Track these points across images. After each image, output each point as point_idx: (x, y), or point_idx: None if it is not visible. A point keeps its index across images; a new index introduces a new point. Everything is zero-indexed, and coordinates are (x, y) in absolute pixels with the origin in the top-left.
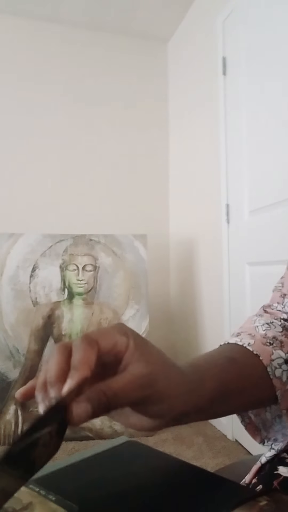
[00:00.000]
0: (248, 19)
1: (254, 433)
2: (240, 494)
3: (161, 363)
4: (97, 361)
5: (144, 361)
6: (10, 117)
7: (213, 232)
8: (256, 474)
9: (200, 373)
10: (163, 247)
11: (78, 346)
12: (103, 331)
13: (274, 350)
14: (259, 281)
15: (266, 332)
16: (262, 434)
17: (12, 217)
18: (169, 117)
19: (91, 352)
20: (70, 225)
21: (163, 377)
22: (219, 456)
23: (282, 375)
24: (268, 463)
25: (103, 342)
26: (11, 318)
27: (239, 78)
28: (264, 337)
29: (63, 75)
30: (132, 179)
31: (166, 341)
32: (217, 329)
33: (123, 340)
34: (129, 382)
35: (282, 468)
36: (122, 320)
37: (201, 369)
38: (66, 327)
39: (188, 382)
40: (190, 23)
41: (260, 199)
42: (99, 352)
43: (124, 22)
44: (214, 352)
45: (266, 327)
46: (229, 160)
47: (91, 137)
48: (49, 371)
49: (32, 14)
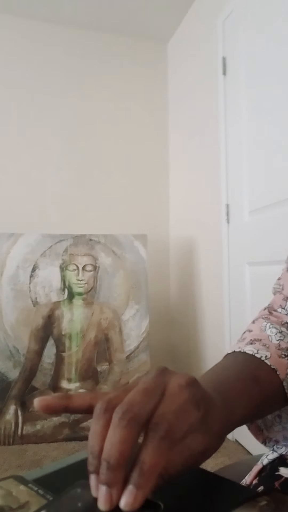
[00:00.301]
0: (248, 19)
1: (257, 433)
2: (240, 494)
3: (218, 430)
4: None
5: (205, 434)
6: (10, 117)
7: (213, 232)
8: (257, 475)
9: (231, 406)
10: (163, 247)
11: (151, 439)
12: (179, 410)
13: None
14: (259, 281)
15: (280, 342)
16: (264, 434)
17: (12, 217)
18: (169, 117)
19: (164, 452)
20: (70, 225)
21: (215, 437)
22: (219, 456)
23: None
24: (270, 464)
25: (176, 428)
26: (11, 318)
27: (239, 78)
28: (279, 349)
29: (63, 75)
30: (132, 179)
31: (166, 341)
32: (217, 329)
33: (194, 415)
34: (187, 459)
35: (284, 469)
36: (122, 320)
37: (232, 401)
38: (66, 327)
39: (224, 419)
40: (190, 23)
41: (260, 199)
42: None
43: (124, 22)
44: (237, 368)
45: (279, 336)
46: (229, 160)
47: (91, 137)
48: (110, 449)
49: (32, 14)
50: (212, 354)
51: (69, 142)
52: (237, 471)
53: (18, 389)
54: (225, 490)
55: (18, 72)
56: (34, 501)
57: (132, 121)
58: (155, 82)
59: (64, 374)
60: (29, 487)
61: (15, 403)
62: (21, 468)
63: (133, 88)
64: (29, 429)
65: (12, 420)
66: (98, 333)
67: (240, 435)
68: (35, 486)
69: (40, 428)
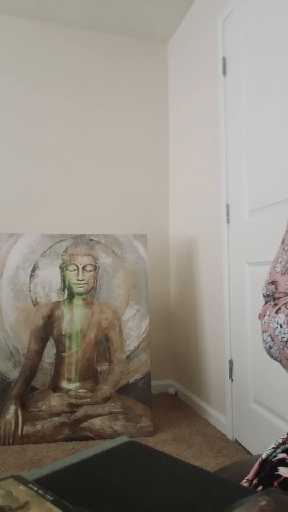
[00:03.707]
0: (248, 19)
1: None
2: (240, 494)
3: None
4: None
5: None
6: (10, 118)
7: (213, 232)
8: (258, 470)
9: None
10: (163, 247)
11: None
12: None
13: None
14: (259, 281)
15: None
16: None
17: (12, 217)
18: (169, 117)
19: None
20: (70, 225)
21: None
22: (219, 456)
23: None
24: (269, 462)
25: None
26: (11, 318)
27: (239, 78)
28: None
29: (63, 75)
30: (132, 179)
31: (166, 341)
32: (217, 329)
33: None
34: None
35: (283, 468)
36: (122, 320)
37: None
38: (66, 327)
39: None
40: (190, 23)
41: (260, 199)
42: None
43: (124, 22)
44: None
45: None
46: (229, 160)
47: (91, 137)
48: None
49: (32, 14)
50: (212, 354)
51: (69, 141)
52: (237, 471)
53: (18, 389)
54: (225, 490)
55: (18, 72)
56: (34, 501)
57: (132, 121)
58: (155, 82)
59: (64, 374)
60: (29, 487)
61: (15, 403)
62: (21, 468)
63: (133, 88)
64: (29, 429)
65: (12, 420)
66: (98, 333)
67: (240, 435)
68: (35, 486)
69: (40, 428)
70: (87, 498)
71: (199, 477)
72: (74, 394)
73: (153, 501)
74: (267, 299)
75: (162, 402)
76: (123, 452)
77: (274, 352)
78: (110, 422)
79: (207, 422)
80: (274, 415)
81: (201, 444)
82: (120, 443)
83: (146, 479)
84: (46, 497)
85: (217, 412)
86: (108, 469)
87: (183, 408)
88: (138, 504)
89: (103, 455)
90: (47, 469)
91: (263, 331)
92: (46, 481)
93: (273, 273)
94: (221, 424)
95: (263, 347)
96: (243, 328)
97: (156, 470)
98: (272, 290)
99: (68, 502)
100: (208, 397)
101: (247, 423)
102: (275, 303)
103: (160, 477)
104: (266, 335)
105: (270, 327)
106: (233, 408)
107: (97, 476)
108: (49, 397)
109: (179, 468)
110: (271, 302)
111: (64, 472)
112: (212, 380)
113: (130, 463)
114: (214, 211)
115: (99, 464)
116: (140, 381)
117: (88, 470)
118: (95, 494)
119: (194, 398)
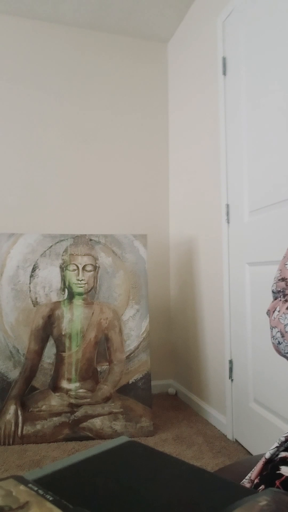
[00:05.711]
0: (248, 19)
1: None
2: (240, 494)
3: None
4: None
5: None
6: (9, 117)
7: (213, 232)
8: (260, 470)
9: None
10: (163, 247)
11: None
12: None
13: None
14: (259, 281)
15: None
16: None
17: (12, 217)
18: (169, 117)
19: None
20: (70, 225)
21: None
22: (219, 456)
23: None
24: (271, 461)
25: None
26: (11, 318)
27: (239, 78)
28: None
29: (63, 74)
30: (132, 179)
31: (166, 341)
32: (217, 329)
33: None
34: None
35: (284, 468)
36: (122, 320)
37: None
38: (66, 327)
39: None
40: (190, 23)
41: (260, 199)
42: None
43: (124, 22)
44: None
45: None
46: (229, 160)
47: (91, 137)
48: None
49: (32, 14)
50: (212, 354)
51: (69, 141)
52: (237, 471)
53: (18, 389)
54: (225, 490)
55: (17, 72)
56: (34, 501)
57: (132, 121)
58: (155, 82)
59: (64, 374)
60: (29, 487)
61: (15, 403)
62: (21, 468)
63: (133, 88)
64: (29, 429)
65: (12, 420)
66: (98, 333)
67: (240, 435)
68: (35, 486)
69: (40, 428)
70: (87, 498)
71: (199, 477)
72: (74, 394)
73: (153, 501)
74: (277, 295)
75: (162, 402)
76: (123, 452)
77: (283, 348)
78: (110, 422)
79: (207, 422)
80: (274, 415)
81: (201, 444)
82: (120, 443)
83: (146, 479)
84: (46, 497)
85: (217, 412)
86: (108, 469)
87: (183, 408)
88: (138, 504)
89: (103, 455)
90: (47, 469)
91: (272, 327)
92: (46, 481)
93: (283, 270)
94: (221, 424)
95: (271, 342)
96: (243, 328)
97: (156, 470)
98: (283, 286)
99: (68, 502)
100: (208, 397)
101: (247, 423)
102: (286, 299)
103: (160, 477)
104: (276, 331)
105: (281, 323)
106: (233, 408)
107: (97, 476)
108: (49, 397)
109: (179, 468)
110: (282, 298)
111: (64, 472)
112: (212, 380)
113: (130, 463)
114: (214, 211)
115: (99, 464)
116: (140, 381)
117: (88, 470)
118: (95, 494)
119: (194, 398)
